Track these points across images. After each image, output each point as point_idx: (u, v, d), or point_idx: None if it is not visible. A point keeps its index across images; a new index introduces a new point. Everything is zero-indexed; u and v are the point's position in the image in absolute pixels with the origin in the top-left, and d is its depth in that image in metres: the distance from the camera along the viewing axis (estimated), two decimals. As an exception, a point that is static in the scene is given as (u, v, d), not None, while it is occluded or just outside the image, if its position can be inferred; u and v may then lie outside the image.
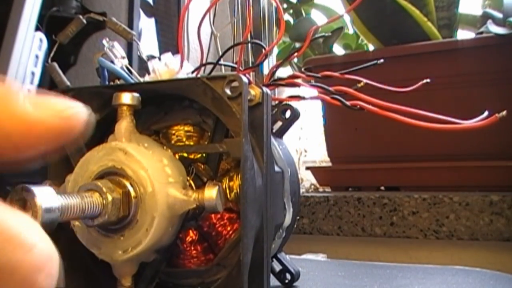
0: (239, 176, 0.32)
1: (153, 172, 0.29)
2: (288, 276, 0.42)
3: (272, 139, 0.39)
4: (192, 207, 0.30)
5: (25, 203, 0.21)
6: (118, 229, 0.30)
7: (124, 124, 0.31)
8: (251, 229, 0.31)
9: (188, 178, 0.33)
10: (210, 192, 0.29)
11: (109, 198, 0.28)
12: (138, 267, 0.31)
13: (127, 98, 0.32)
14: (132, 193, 0.29)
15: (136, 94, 0.32)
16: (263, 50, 0.46)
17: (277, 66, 0.44)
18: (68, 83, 0.43)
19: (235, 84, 0.31)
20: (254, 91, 0.33)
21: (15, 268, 0.14)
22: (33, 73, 0.79)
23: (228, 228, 0.35)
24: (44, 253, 0.15)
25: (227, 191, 0.35)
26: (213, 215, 0.35)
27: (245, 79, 0.31)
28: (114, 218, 0.28)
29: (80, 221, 0.30)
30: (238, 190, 0.34)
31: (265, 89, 0.33)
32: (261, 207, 0.33)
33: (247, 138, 0.31)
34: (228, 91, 0.31)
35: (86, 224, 0.29)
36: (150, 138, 0.33)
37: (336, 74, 0.42)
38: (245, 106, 0.31)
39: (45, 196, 0.21)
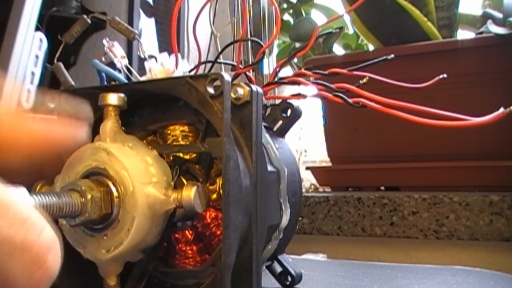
0: None
1: (134, 172, 0.29)
2: (289, 278, 0.42)
3: (269, 138, 0.39)
4: (172, 207, 0.30)
5: None
6: (101, 229, 0.30)
7: (109, 124, 0.31)
8: (234, 230, 0.30)
9: (182, 178, 0.33)
10: (188, 192, 0.29)
11: (89, 197, 0.28)
12: (123, 267, 0.31)
13: (112, 98, 0.32)
14: (114, 193, 0.29)
15: (121, 95, 0.32)
16: (263, 49, 0.46)
17: (281, 65, 0.43)
18: (73, 83, 0.43)
19: (217, 82, 0.31)
20: (243, 90, 0.32)
21: (29, 247, 0.15)
22: (33, 73, 0.79)
23: (222, 228, 0.35)
24: (52, 235, 0.16)
25: (222, 191, 0.35)
26: (207, 215, 0.35)
27: (227, 78, 0.31)
28: (95, 218, 0.28)
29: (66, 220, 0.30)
30: None
31: (254, 87, 0.33)
32: (248, 208, 0.32)
33: (230, 137, 0.30)
34: (210, 90, 0.31)
35: (69, 224, 0.29)
36: (136, 138, 0.33)
37: (344, 71, 0.42)
38: (227, 104, 0.31)
39: (17, 197, 0.21)
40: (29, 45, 0.78)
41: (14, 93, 0.76)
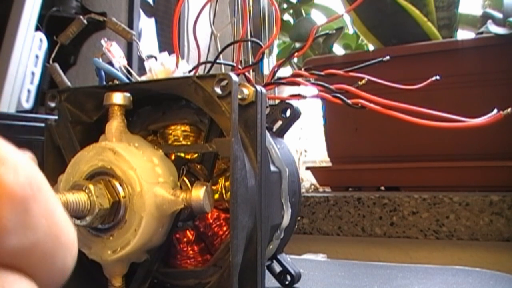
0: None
1: (142, 172, 0.29)
2: (288, 277, 0.42)
3: (270, 139, 0.39)
4: (180, 207, 0.30)
5: None
6: (107, 229, 0.30)
7: (115, 124, 0.31)
8: (242, 230, 0.30)
9: (184, 178, 0.33)
10: (197, 192, 0.29)
11: (96, 197, 0.28)
12: (128, 267, 0.31)
13: (118, 98, 0.32)
14: (121, 193, 0.29)
15: (127, 94, 0.32)
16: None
17: (279, 65, 0.43)
18: (69, 84, 0.43)
19: (224, 83, 0.31)
20: (248, 90, 0.32)
21: None
22: (33, 73, 0.79)
23: (224, 229, 0.35)
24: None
25: (223, 191, 0.35)
26: (209, 215, 0.35)
27: (235, 78, 0.31)
28: (102, 218, 0.28)
29: None
30: None
31: (259, 87, 0.33)
32: (254, 208, 0.32)
33: (237, 137, 0.30)
34: (218, 90, 0.31)
35: (75, 224, 0.29)
36: (141, 138, 0.33)
37: (340, 72, 0.42)
38: (235, 105, 0.31)
39: None
40: (29, 45, 0.78)
41: (14, 93, 0.76)
